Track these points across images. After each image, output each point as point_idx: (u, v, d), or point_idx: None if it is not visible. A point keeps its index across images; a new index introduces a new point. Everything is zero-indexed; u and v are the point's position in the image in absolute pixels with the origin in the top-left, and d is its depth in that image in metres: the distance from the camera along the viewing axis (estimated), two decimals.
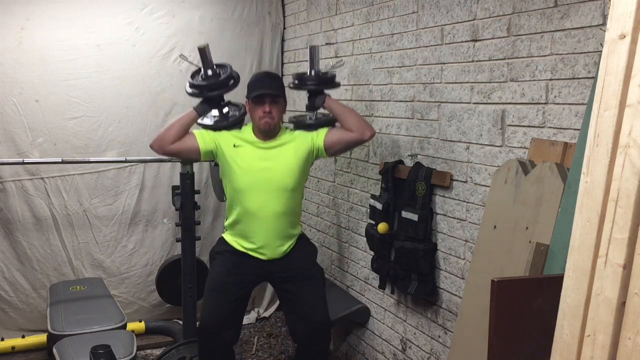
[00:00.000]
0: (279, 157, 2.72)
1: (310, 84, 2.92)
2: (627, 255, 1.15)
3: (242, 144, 2.75)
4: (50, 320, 3.05)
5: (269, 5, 4.14)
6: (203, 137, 2.78)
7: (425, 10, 2.66)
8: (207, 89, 2.85)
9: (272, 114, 2.69)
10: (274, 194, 2.69)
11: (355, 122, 2.74)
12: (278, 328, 4.02)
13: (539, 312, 1.61)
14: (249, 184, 2.70)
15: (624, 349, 1.15)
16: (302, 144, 2.77)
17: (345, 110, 2.81)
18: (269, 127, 2.70)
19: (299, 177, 2.75)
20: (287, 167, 2.71)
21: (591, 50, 1.89)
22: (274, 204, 2.69)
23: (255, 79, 2.80)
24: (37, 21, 3.57)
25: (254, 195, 2.69)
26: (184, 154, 2.83)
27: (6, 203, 3.63)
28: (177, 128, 2.76)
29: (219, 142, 2.76)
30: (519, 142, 2.17)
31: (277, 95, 2.72)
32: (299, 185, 2.77)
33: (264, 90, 2.68)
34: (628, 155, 1.16)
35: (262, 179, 2.69)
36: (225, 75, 2.88)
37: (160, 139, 2.77)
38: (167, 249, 4.01)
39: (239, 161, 2.72)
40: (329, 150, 2.79)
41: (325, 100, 2.85)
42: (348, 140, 2.75)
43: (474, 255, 2.27)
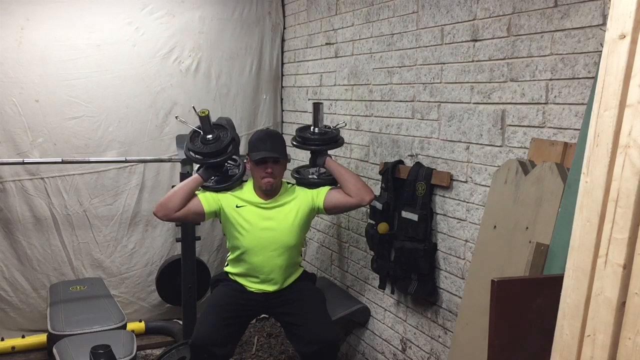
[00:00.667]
0: (280, 217, 2.79)
1: (313, 145, 2.92)
2: (627, 255, 1.16)
3: (244, 204, 2.80)
4: (50, 320, 3.05)
5: (269, 5, 4.14)
6: (207, 199, 2.79)
7: (425, 10, 2.66)
8: (210, 156, 2.81)
9: (274, 173, 2.74)
10: (277, 252, 2.78)
11: (354, 187, 2.76)
12: (278, 328, 4.01)
13: (539, 312, 1.61)
14: (252, 244, 2.77)
15: (624, 349, 1.15)
16: (303, 203, 2.82)
17: (344, 173, 2.82)
18: (271, 187, 2.76)
19: (301, 234, 2.84)
20: (289, 226, 2.78)
21: (591, 50, 1.89)
22: (277, 260, 2.78)
23: (257, 140, 2.80)
24: (37, 21, 3.57)
25: (258, 254, 2.78)
26: (189, 218, 2.84)
27: (6, 203, 3.63)
28: (182, 195, 2.73)
29: (222, 204, 2.80)
30: (519, 142, 2.17)
31: (279, 157, 2.77)
32: (299, 242, 2.86)
33: (266, 153, 2.72)
34: (628, 155, 1.16)
35: (265, 239, 2.77)
36: (227, 140, 2.83)
37: (165, 207, 2.71)
38: (167, 249, 4.01)
39: (242, 222, 2.78)
40: (328, 211, 2.87)
41: (325, 161, 2.88)
42: (347, 204, 2.81)
43: (474, 255, 2.27)
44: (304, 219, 2.82)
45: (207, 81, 4.01)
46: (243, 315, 2.82)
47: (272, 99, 4.25)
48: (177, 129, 3.85)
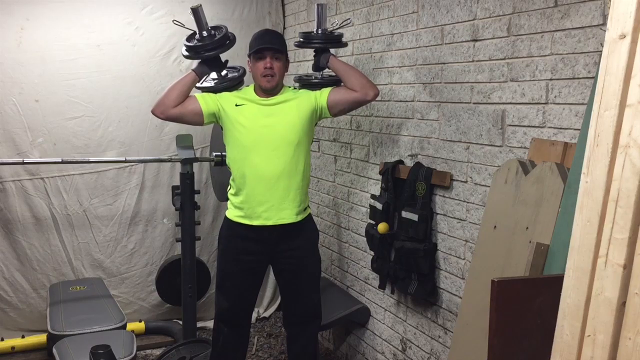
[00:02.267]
0: (281, 114, 2.69)
1: (316, 42, 2.86)
2: (627, 255, 1.15)
3: (244, 102, 2.72)
4: (50, 320, 3.05)
5: (269, 5, 4.14)
6: (205, 99, 2.74)
7: (425, 10, 2.66)
8: (204, 49, 2.79)
9: (274, 69, 2.66)
10: (278, 150, 2.65)
11: (358, 81, 2.69)
12: (278, 328, 4.02)
13: (539, 312, 1.61)
14: (253, 141, 2.66)
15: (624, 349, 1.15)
16: (306, 102, 2.73)
17: (349, 69, 2.75)
18: (271, 84, 2.68)
19: (303, 133, 2.70)
20: (290, 123, 2.68)
21: (591, 50, 1.88)
22: (278, 161, 2.64)
23: (256, 36, 2.76)
24: (37, 21, 3.57)
25: (259, 153, 2.65)
26: (187, 117, 2.76)
27: (6, 203, 3.63)
28: (177, 90, 2.70)
29: (221, 103, 2.73)
30: (519, 142, 2.17)
31: (279, 50, 2.69)
32: (302, 142, 2.70)
33: (265, 45, 2.66)
34: (628, 155, 1.15)
35: (266, 135, 2.66)
36: (221, 35, 2.83)
37: (162, 103, 2.70)
38: (167, 249, 4.01)
39: (242, 120, 2.69)
40: (332, 109, 2.74)
41: (329, 59, 2.79)
42: (351, 99, 2.70)
43: (474, 255, 2.27)
44: (306, 117, 2.70)
45: None
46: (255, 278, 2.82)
47: None
48: (177, 129, 3.85)
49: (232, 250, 2.76)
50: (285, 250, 2.73)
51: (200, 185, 3.96)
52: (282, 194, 2.65)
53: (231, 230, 2.75)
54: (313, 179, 3.85)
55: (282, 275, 2.83)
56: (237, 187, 2.71)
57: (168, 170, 3.93)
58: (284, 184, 2.65)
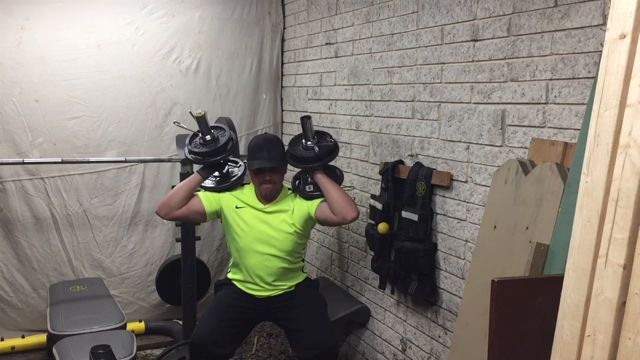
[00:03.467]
0: (278, 220, 2.82)
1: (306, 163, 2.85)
2: (627, 255, 1.15)
3: (243, 205, 2.84)
4: (50, 320, 3.05)
5: (269, 5, 4.14)
6: (208, 199, 2.84)
7: (425, 10, 2.66)
8: (209, 155, 2.87)
9: (273, 180, 2.80)
10: (272, 255, 2.80)
11: (338, 206, 2.71)
12: (278, 328, 4.01)
13: (539, 312, 1.61)
14: (250, 245, 2.81)
15: (624, 349, 1.15)
16: (300, 213, 2.84)
17: (329, 190, 2.76)
18: (270, 193, 2.81)
19: (298, 240, 2.85)
20: (285, 232, 2.81)
21: (591, 50, 1.89)
22: (272, 263, 2.80)
23: (254, 148, 2.83)
24: (37, 21, 3.57)
25: (255, 255, 2.81)
26: (191, 217, 2.89)
27: (6, 203, 3.63)
28: (182, 193, 2.79)
29: (222, 204, 2.85)
30: (519, 142, 2.17)
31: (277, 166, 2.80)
32: (296, 248, 2.87)
33: (263, 163, 2.76)
34: (628, 155, 1.15)
35: (261, 241, 2.80)
36: (224, 139, 2.89)
37: (167, 205, 2.79)
38: (167, 249, 4.01)
39: (241, 223, 2.82)
40: (320, 223, 2.89)
41: (315, 175, 2.84)
42: (331, 221, 2.80)
43: (474, 255, 2.27)
44: (301, 226, 2.84)
45: (207, 81, 4.01)
46: (245, 319, 2.83)
47: (272, 99, 4.25)
48: (177, 129, 3.84)
49: (230, 291, 2.87)
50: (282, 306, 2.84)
51: None
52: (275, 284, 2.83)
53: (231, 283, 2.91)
54: None
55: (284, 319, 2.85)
56: (235, 270, 2.91)
57: (168, 170, 3.93)
58: (279, 280, 2.84)
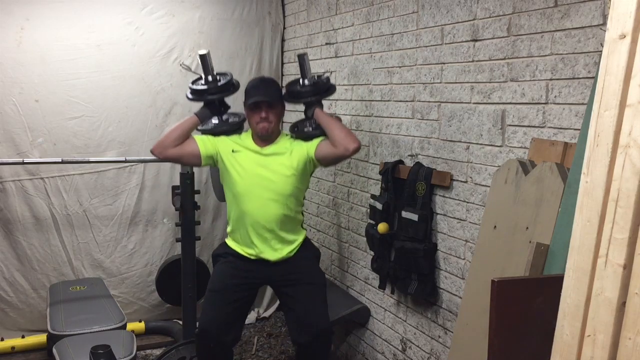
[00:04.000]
0: (275, 165, 2.76)
1: (303, 97, 2.88)
2: (627, 255, 1.15)
3: (240, 149, 2.79)
4: (50, 320, 3.05)
5: (269, 5, 4.14)
6: (204, 142, 2.81)
7: (425, 10, 2.66)
8: (208, 93, 2.87)
9: (269, 118, 2.73)
10: (272, 199, 2.73)
11: (338, 137, 2.70)
12: (278, 328, 4.02)
13: (539, 312, 1.61)
14: (248, 189, 2.74)
15: (624, 349, 1.15)
16: (298, 155, 2.79)
17: (329, 124, 2.77)
18: (266, 131, 2.75)
19: (295, 185, 2.78)
20: (284, 175, 2.75)
21: (591, 50, 1.89)
22: (271, 209, 2.73)
23: (251, 86, 2.82)
24: (37, 21, 3.57)
25: (253, 200, 2.73)
26: (185, 158, 2.85)
27: (6, 203, 3.63)
28: (178, 132, 2.78)
29: (219, 148, 2.80)
30: (519, 142, 2.17)
31: (273, 101, 2.75)
32: (295, 192, 2.79)
33: (260, 97, 2.72)
34: (628, 155, 1.15)
35: (260, 185, 2.74)
36: (225, 81, 2.91)
37: (161, 143, 2.78)
38: (167, 249, 4.01)
39: (238, 167, 2.76)
40: (321, 162, 2.82)
41: (314, 112, 2.84)
42: (333, 155, 2.75)
43: (474, 255, 2.27)
44: (300, 168, 2.76)
45: None
46: (246, 295, 2.79)
47: None
48: None
49: (228, 265, 2.81)
50: (282, 274, 2.78)
51: (200, 185, 3.96)
52: (277, 237, 2.76)
53: (228, 249, 2.84)
54: (313, 179, 3.85)
55: (282, 297, 2.84)
56: (233, 227, 2.83)
57: (168, 170, 3.93)
58: (279, 229, 2.75)
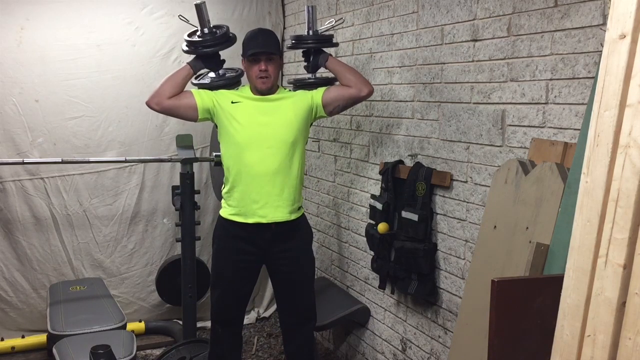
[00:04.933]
0: (277, 112, 2.70)
1: (310, 43, 2.87)
2: (627, 255, 1.15)
3: (240, 99, 2.72)
4: (50, 320, 3.05)
5: (269, 5, 4.14)
6: (201, 95, 2.74)
7: (425, 10, 2.66)
8: (202, 45, 2.81)
9: (269, 71, 2.67)
10: (273, 148, 2.65)
11: (354, 78, 2.71)
12: (278, 328, 4.01)
13: (539, 312, 1.61)
14: (249, 139, 2.66)
15: (624, 349, 1.15)
16: (302, 101, 2.74)
17: (345, 68, 2.78)
18: (266, 85, 2.69)
19: (298, 132, 2.70)
20: (286, 121, 2.68)
21: (591, 50, 1.89)
22: (273, 159, 2.64)
23: (250, 37, 2.75)
24: (37, 21, 3.57)
25: (254, 150, 2.65)
26: (181, 110, 2.74)
27: (6, 203, 3.63)
28: (172, 81, 2.72)
29: (217, 100, 2.73)
30: (519, 142, 2.17)
31: (273, 53, 2.69)
32: (298, 140, 2.70)
33: (259, 48, 2.66)
34: (628, 155, 1.15)
35: (261, 133, 2.66)
36: (221, 33, 2.85)
37: (156, 94, 2.70)
38: (167, 249, 4.01)
39: (238, 117, 2.69)
40: (327, 107, 2.75)
41: (327, 59, 2.80)
42: (346, 95, 2.71)
43: (474, 255, 2.27)
44: (302, 116, 2.71)
45: None
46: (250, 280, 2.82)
47: None
48: (177, 129, 3.85)
49: (226, 249, 2.75)
50: (279, 251, 2.73)
51: (200, 185, 3.96)
52: (276, 191, 2.65)
53: (225, 229, 2.75)
54: (313, 179, 3.85)
55: (277, 275, 2.82)
56: (232, 185, 2.71)
57: (168, 170, 3.93)
58: (279, 182, 2.66)
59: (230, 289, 2.77)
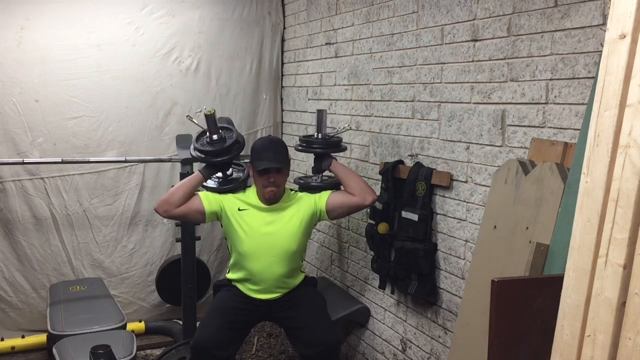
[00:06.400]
0: (282, 221, 2.77)
1: (317, 147, 2.93)
2: (627, 255, 1.15)
3: (246, 207, 2.80)
4: (50, 320, 3.05)
5: (269, 5, 4.14)
6: (208, 199, 2.79)
7: (425, 10, 2.66)
8: (214, 155, 2.84)
9: (277, 183, 2.74)
10: (277, 257, 2.75)
11: (357, 186, 2.77)
12: (278, 328, 4.01)
13: (539, 312, 1.61)
14: (253, 249, 2.75)
15: (624, 349, 1.15)
16: (306, 206, 2.81)
17: (349, 174, 2.84)
18: (274, 195, 2.76)
19: (302, 240, 2.82)
20: (290, 231, 2.76)
21: (591, 50, 1.89)
22: (277, 267, 2.75)
23: (260, 148, 2.78)
24: (37, 21, 3.57)
25: (258, 259, 2.75)
26: (190, 216, 2.83)
27: (6, 203, 3.63)
28: (183, 191, 2.75)
29: (224, 205, 2.80)
30: (519, 142, 2.17)
31: (282, 167, 2.76)
32: (302, 247, 2.84)
33: (269, 164, 2.71)
34: (628, 155, 1.16)
35: (266, 243, 2.75)
36: (231, 140, 2.86)
37: (166, 202, 2.73)
38: (167, 249, 4.01)
39: (244, 225, 2.77)
40: (330, 214, 2.83)
41: (331, 163, 2.87)
42: (349, 204, 2.79)
43: (474, 255, 2.27)
44: (306, 223, 2.81)
45: (207, 81, 4.01)
46: (246, 320, 2.82)
47: (272, 99, 4.25)
48: (177, 129, 3.85)
49: (230, 292, 2.84)
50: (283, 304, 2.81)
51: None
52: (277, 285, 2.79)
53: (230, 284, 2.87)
54: None
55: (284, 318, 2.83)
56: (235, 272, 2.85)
57: (168, 170, 3.93)
58: (281, 282, 2.79)
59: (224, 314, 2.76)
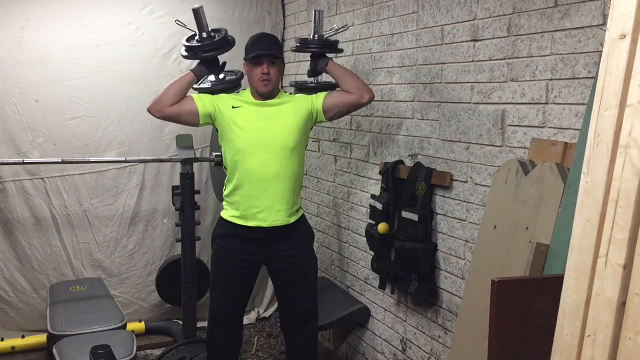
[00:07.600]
0: (278, 117, 2.71)
1: (313, 47, 2.90)
2: (627, 255, 1.15)
3: (241, 104, 2.73)
4: (50, 320, 3.05)
5: (269, 5, 4.14)
6: (202, 99, 2.75)
7: (425, 10, 2.66)
8: (202, 50, 2.82)
9: (270, 74, 2.67)
10: (274, 153, 2.66)
11: (355, 84, 2.73)
12: (278, 328, 4.01)
13: (539, 312, 1.61)
14: (249, 144, 2.67)
15: (624, 349, 1.15)
16: (302, 105, 2.75)
17: (346, 72, 2.80)
18: (268, 88, 2.69)
19: (299, 137, 2.72)
20: (286, 126, 2.69)
21: (591, 50, 1.89)
22: (274, 164, 2.66)
23: (252, 41, 2.76)
24: (37, 21, 3.57)
25: (254, 155, 2.66)
26: (183, 116, 2.76)
27: (6, 203, 3.63)
28: (175, 89, 2.71)
29: (218, 105, 2.74)
30: (519, 142, 2.17)
31: (275, 56, 2.70)
32: (298, 145, 2.72)
33: (262, 51, 2.67)
34: (628, 155, 1.15)
35: (262, 138, 2.67)
36: (220, 37, 2.85)
37: (158, 101, 2.70)
38: (167, 249, 4.01)
39: (239, 121, 2.70)
40: (327, 113, 2.77)
41: (328, 63, 2.83)
42: (347, 102, 2.73)
43: (474, 255, 2.27)
44: (302, 121, 2.73)
45: None
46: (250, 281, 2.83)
47: None
48: (177, 129, 3.85)
49: (226, 249, 2.76)
50: (279, 251, 2.73)
51: (200, 185, 3.96)
52: (276, 196, 2.67)
53: (226, 229, 2.76)
54: (313, 179, 3.85)
55: (277, 275, 2.82)
56: (233, 188, 2.72)
57: (168, 170, 3.93)
58: (278, 187, 2.67)
59: (231, 288, 2.76)
